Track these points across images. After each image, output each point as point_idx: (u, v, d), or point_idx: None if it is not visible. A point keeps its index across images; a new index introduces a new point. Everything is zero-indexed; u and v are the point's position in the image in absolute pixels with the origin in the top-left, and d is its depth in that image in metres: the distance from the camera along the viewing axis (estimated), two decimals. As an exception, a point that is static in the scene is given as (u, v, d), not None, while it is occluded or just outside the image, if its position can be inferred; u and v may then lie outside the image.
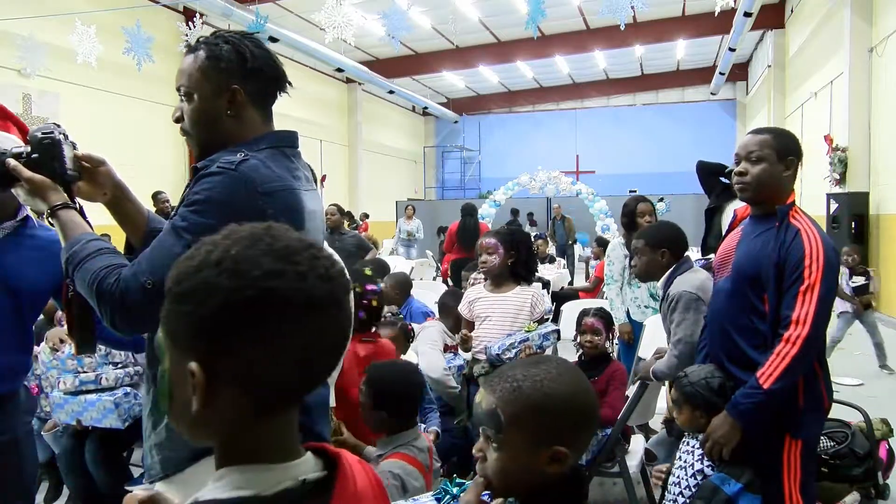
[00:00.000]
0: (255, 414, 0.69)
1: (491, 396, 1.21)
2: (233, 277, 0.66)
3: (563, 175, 13.02)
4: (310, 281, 0.68)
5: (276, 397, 0.70)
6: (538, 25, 7.07)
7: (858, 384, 5.51)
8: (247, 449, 0.70)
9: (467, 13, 14.41)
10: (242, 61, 1.44)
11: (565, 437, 1.19)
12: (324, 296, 0.69)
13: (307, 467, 0.73)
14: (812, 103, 12.61)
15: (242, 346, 0.66)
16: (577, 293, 7.44)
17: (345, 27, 7.86)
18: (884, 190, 9.35)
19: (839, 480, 2.76)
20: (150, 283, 1.27)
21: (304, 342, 0.68)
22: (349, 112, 19.17)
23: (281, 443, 0.72)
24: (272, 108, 1.55)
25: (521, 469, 1.19)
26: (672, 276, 2.69)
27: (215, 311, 0.65)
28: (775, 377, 1.92)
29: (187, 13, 11.18)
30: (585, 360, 3.14)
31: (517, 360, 1.94)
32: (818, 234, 2.01)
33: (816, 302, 1.93)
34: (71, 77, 9.75)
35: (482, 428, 1.23)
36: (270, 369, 0.67)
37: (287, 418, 0.73)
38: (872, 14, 9.82)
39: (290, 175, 1.45)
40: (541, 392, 1.19)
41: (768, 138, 2.09)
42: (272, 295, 0.66)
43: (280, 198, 1.37)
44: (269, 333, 0.66)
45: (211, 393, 0.67)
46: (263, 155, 1.42)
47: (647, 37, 15.69)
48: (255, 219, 1.28)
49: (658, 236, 2.78)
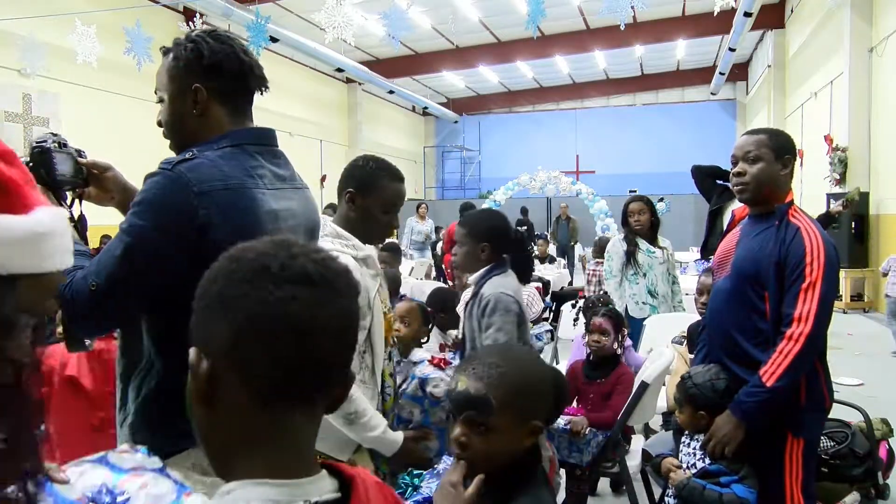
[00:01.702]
0: (263, 409, 0.67)
1: (478, 383, 1.26)
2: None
3: (563, 175, 13.00)
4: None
5: (277, 392, 0.68)
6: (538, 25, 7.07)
7: (858, 384, 5.50)
8: (259, 461, 0.68)
9: (467, 13, 14.41)
10: (199, 59, 1.44)
11: (542, 412, 1.32)
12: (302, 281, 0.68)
13: (320, 487, 0.69)
14: (812, 103, 12.61)
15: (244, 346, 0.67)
16: (577, 293, 7.45)
17: (345, 27, 7.86)
18: (884, 190, 9.35)
19: (839, 480, 2.76)
20: (94, 284, 1.28)
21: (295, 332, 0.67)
22: (349, 112, 19.16)
23: (295, 458, 0.70)
24: (246, 104, 1.52)
25: (505, 447, 1.26)
26: (487, 275, 2.38)
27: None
28: (778, 375, 1.93)
29: (187, 13, 11.18)
30: (593, 361, 3.10)
31: (487, 346, 1.97)
32: (818, 232, 2.01)
33: (818, 299, 1.93)
34: (71, 77, 9.74)
35: (467, 414, 1.26)
36: (265, 363, 0.67)
37: (301, 429, 0.71)
38: (872, 14, 9.82)
39: (243, 174, 1.41)
40: (525, 373, 1.29)
41: (764, 138, 2.10)
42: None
43: (218, 197, 1.34)
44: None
45: (215, 387, 0.67)
46: (218, 153, 1.40)
47: (647, 37, 15.68)
48: (189, 219, 1.32)
49: (481, 227, 2.44)
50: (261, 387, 0.67)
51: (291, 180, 1.57)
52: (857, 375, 5.70)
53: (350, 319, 0.72)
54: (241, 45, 1.52)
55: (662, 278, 4.33)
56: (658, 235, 4.44)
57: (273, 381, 0.67)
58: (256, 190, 1.42)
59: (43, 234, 0.64)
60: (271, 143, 1.54)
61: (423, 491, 1.48)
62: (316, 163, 16.50)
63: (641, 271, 4.30)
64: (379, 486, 0.77)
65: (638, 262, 4.30)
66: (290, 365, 0.67)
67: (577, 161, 21.45)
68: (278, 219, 1.46)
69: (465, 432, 1.26)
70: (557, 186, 12.80)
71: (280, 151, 1.57)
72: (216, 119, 1.47)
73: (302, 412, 0.70)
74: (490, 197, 13.63)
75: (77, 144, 1.54)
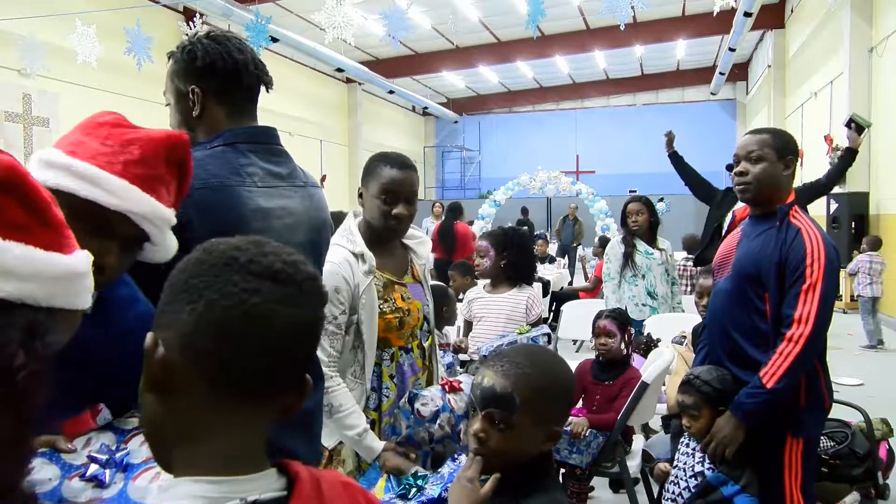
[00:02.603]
0: (214, 401, 0.67)
1: (505, 380, 1.27)
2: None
3: (563, 175, 13.00)
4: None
5: (229, 385, 0.67)
6: (538, 25, 7.07)
7: (858, 384, 5.51)
8: (201, 454, 0.67)
9: (467, 13, 14.40)
10: (192, 60, 1.47)
11: (561, 417, 1.33)
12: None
13: (263, 485, 0.68)
14: (812, 103, 12.61)
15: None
16: (577, 293, 7.46)
17: (345, 27, 7.86)
18: (884, 190, 9.35)
19: (839, 480, 2.76)
20: None
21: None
22: (349, 112, 19.16)
23: (241, 454, 0.68)
24: (246, 102, 1.52)
25: (521, 448, 1.27)
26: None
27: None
28: (779, 376, 1.92)
29: (187, 13, 11.18)
30: (601, 363, 3.08)
31: (515, 346, 1.90)
32: (819, 233, 2.01)
33: (818, 301, 1.93)
34: (71, 77, 9.75)
35: (489, 410, 1.26)
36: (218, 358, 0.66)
37: (249, 425, 0.69)
38: (872, 14, 9.82)
39: (229, 172, 1.42)
40: (550, 377, 1.30)
41: (767, 138, 2.09)
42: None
43: (197, 196, 1.35)
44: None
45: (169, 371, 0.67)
46: (208, 153, 1.42)
47: (647, 37, 15.68)
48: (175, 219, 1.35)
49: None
50: (214, 378, 0.66)
51: (291, 178, 1.55)
52: (857, 375, 5.70)
53: (311, 325, 0.71)
54: (239, 42, 1.51)
55: (661, 279, 4.32)
56: (657, 236, 4.44)
57: (226, 373, 0.66)
58: (242, 188, 1.42)
59: (80, 274, 0.70)
60: (269, 142, 1.53)
61: (428, 492, 1.48)
62: (316, 163, 16.49)
63: (640, 273, 4.28)
64: (344, 486, 0.76)
65: (636, 264, 4.28)
66: (246, 358, 0.66)
67: (577, 161, 21.45)
68: (269, 217, 1.45)
69: (484, 428, 1.27)
70: (557, 186, 12.80)
71: (280, 149, 1.56)
72: (215, 119, 1.48)
73: (252, 408, 0.69)
74: (490, 197, 13.62)
75: None
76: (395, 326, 1.99)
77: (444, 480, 1.46)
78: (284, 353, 0.68)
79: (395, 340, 2.01)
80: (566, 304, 5.52)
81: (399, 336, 2.02)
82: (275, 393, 0.70)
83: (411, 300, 2.04)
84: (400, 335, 2.02)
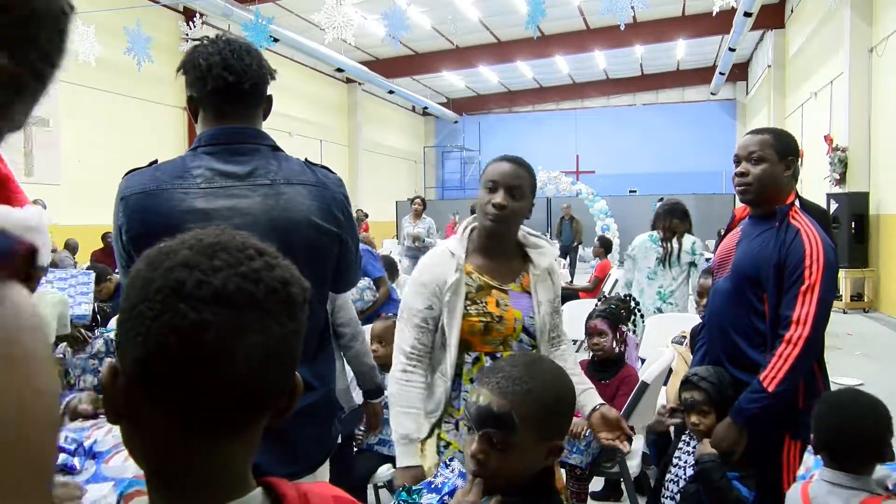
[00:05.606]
0: (182, 432, 0.61)
1: (502, 399, 1.19)
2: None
3: (564, 175, 13.01)
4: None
5: (193, 419, 0.61)
6: (538, 25, 7.07)
7: (858, 384, 5.50)
8: (175, 476, 0.63)
9: (467, 13, 14.41)
10: (180, 71, 1.53)
11: (564, 431, 1.26)
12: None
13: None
14: (812, 103, 12.62)
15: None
16: (578, 293, 7.45)
17: (345, 27, 7.87)
18: (884, 190, 9.35)
19: (839, 481, 2.76)
20: None
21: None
22: (349, 112, 19.17)
23: (222, 480, 0.64)
24: (226, 104, 1.50)
25: (526, 466, 1.21)
26: None
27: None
28: (779, 379, 1.92)
29: (187, 13, 11.18)
30: (597, 363, 3.08)
31: (511, 357, 1.80)
32: (818, 235, 2.01)
33: (817, 302, 1.92)
34: (71, 77, 9.74)
35: (487, 431, 1.20)
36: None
37: (225, 452, 0.64)
38: (872, 14, 9.82)
39: (173, 176, 1.46)
40: (552, 391, 1.23)
41: (768, 138, 2.09)
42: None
43: (132, 201, 1.44)
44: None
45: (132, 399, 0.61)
46: (174, 159, 1.51)
47: (647, 37, 15.69)
48: (118, 225, 1.45)
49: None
50: (177, 411, 0.60)
51: (252, 177, 1.48)
52: (857, 375, 5.70)
53: (281, 344, 0.63)
54: (210, 48, 1.49)
55: (680, 284, 4.35)
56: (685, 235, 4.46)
57: (187, 409, 0.60)
58: (178, 190, 1.44)
59: (33, 228, 0.67)
60: (232, 142, 1.50)
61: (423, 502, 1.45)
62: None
63: (670, 274, 4.32)
64: (336, 500, 0.72)
65: (669, 264, 4.31)
66: (205, 394, 0.59)
67: (577, 161, 21.46)
68: (210, 218, 1.41)
69: (482, 449, 1.20)
70: (557, 186, 12.82)
71: (247, 149, 1.50)
72: (205, 123, 1.54)
73: (226, 437, 0.63)
74: (490, 197, 13.61)
75: (77, 144, 1.58)
76: (480, 330, 1.86)
77: (440, 491, 1.39)
78: (253, 382, 0.61)
79: (478, 345, 1.87)
80: (566, 305, 5.51)
81: (484, 341, 1.87)
82: (252, 418, 0.65)
83: (508, 308, 1.90)
84: (485, 340, 1.87)
